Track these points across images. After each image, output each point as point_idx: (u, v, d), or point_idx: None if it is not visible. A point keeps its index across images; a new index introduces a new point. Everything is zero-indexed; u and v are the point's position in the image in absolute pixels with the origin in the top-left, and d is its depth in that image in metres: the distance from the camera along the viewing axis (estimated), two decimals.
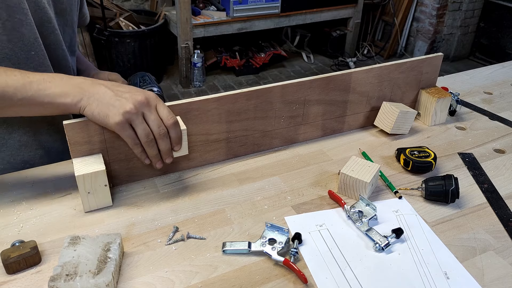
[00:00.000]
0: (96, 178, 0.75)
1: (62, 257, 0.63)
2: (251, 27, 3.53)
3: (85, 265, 0.62)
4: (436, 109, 1.05)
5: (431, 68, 1.05)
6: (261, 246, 0.70)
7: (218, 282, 0.65)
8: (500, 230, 0.76)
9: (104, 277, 0.61)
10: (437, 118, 1.07)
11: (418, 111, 1.08)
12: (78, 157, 0.77)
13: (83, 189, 0.75)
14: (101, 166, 0.75)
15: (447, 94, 1.05)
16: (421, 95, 1.07)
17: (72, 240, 0.66)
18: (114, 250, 0.65)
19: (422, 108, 1.08)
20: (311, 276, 0.67)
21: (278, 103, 0.90)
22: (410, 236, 0.74)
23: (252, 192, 0.84)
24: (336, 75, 0.94)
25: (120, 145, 0.80)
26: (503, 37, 3.97)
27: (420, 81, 1.06)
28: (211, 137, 0.88)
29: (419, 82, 1.06)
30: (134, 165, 0.83)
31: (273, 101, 0.90)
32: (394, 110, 0.98)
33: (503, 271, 0.68)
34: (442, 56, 1.06)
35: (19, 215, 0.77)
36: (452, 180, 0.81)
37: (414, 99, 1.08)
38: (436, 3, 3.91)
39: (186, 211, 0.79)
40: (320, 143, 0.99)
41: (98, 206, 0.78)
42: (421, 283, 0.66)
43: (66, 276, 0.60)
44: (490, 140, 1.02)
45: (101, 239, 0.67)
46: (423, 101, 1.07)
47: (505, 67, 1.42)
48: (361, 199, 0.78)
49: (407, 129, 1.02)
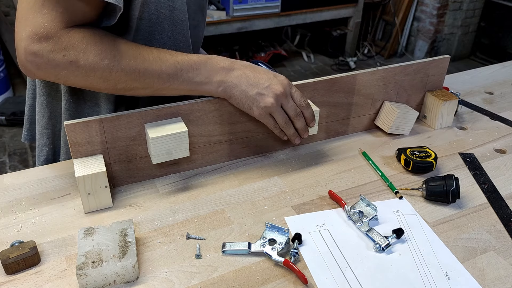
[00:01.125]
0: (96, 180, 0.75)
1: (82, 247, 0.65)
2: (251, 27, 3.53)
3: (107, 251, 0.64)
4: (442, 112, 1.04)
5: (437, 70, 1.04)
6: (261, 246, 0.70)
7: (218, 282, 0.65)
8: (501, 231, 0.76)
9: (130, 259, 0.64)
10: (443, 121, 1.05)
11: (424, 114, 1.07)
12: (79, 157, 0.77)
13: (83, 190, 0.75)
14: (101, 167, 0.75)
15: (453, 97, 1.03)
16: (427, 97, 1.06)
17: (86, 231, 0.68)
18: (131, 235, 0.68)
19: (428, 111, 1.06)
20: (311, 276, 0.66)
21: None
22: (410, 237, 0.74)
23: (252, 192, 0.84)
24: (341, 77, 0.93)
25: (121, 146, 0.80)
26: (504, 37, 3.96)
27: (426, 84, 1.05)
28: (213, 138, 0.88)
29: (425, 84, 1.05)
30: (135, 166, 0.83)
31: None
32: (394, 110, 0.98)
33: (504, 272, 0.68)
34: (449, 58, 1.04)
35: (18, 216, 0.76)
36: (452, 180, 0.80)
37: (420, 101, 1.07)
38: (436, 3, 3.91)
39: (186, 211, 0.79)
40: (321, 143, 0.99)
41: (98, 207, 0.78)
42: (422, 284, 0.66)
43: (92, 263, 0.62)
44: (491, 140, 1.02)
45: (115, 227, 0.69)
46: (429, 104, 1.06)
47: (506, 66, 1.41)
48: (361, 199, 0.78)
49: (408, 129, 1.02)
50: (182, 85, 0.78)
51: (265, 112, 0.81)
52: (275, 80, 0.81)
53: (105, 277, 0.62)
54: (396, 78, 1.00)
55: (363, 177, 0.88)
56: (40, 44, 0.67)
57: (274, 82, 0.80)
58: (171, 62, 0.76)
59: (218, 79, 0.79)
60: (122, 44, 0.74)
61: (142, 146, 0.82)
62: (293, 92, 0.83)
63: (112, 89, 0.75)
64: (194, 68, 0.78)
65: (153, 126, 0.79)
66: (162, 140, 0.77)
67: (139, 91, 0.77)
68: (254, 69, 0.81)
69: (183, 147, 0.80)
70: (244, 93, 0.80)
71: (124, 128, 0.78)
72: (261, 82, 0.80)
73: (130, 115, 0.78)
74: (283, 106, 0.82)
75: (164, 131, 0.78)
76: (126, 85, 0.75)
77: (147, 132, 0.77)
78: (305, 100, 0.84)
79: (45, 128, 0.92)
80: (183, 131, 0.78)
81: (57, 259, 0.68)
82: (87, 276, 0.61)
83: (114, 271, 0.63)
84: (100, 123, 0.76)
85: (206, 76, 0.79)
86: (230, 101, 0.82)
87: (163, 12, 0.80)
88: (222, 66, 0.80)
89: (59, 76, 0.71)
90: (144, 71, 0.74)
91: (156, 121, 0.80)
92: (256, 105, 0.80)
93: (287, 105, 0.82)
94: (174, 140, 0.78)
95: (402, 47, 4.29)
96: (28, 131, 0.99)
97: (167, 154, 0.79)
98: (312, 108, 0.86)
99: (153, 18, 0.80)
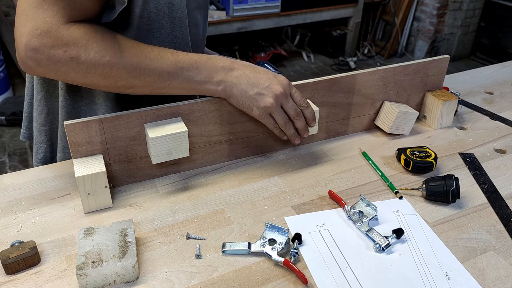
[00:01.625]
0: (96, 180, 0.75)
1: (82, 247, 0.65)
2: (251, 27, 3.53)
3: (107, 251, 0.64)
4: (442, 112, 1.03)
5: (437, 70, 1.04)
6: (261, 246, 0.70)
7: (218, 282, 0.65)
8: (501, 231, 0.76)
9: (130, 259, 0.64)
10: (443, 121, 1.05)
11: (424, 114, 1.07)
12: (79, 157, 0.77)
13: (83, 190, 0.75)
14: (101, 167, 0.75)
15: (453, 97, 1.03)
16: (427, 97, 1.06)
17: (86, 231, 0.68)
18: (131, 235, 0.68)
19: (428, 111, 1.06)
20: (311, 276, 0.66)
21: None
22: (410, 237, 0.74)
23: (252, 192, 0.84)
24: (341, 77, 0.93)
25: (121, 146, 0.80)
26: (504, 37, 3.96)
27: (426, 84, 1.05)
28: (212, 138, 0.88)
29: (425, 84, 1.05)
30: (135, 166, 0.83)
31: None
32: (393, 110, 0.98)
33: (504, 272, 0.68)
34: (449, 58, 1.04)
35: (18, 216, 0.76)
36: (452, 180, 0.80)
37: (420, 101, 1.07)
38: (436, 3, 3.91)
39: (186, 211, 0.79)
40: (321, 143, 0.99)
41: (98, 207, 0.78)
42: (422, 284, 0.66)
43: (92, 263, 0.62)
44: (491, 140, 1.02)
45: (115, 227, 0.69)
46: (428, 104, 1.06)
47: (506, 66, 1.41)
48: (361, 199, 0.78)
49: (408, 130, 1.02)
50: (182, 84, 0.78)
51: (265, 112, 0.81)
52: (275, 80, 0.81)
53: (105, 277, 0.63)
54: (396, 78, 1.00)
55: (363, 177, 0.88)
56: (41, 40, 0.67)
57: (274, 83, 0.80)
58: (171, 60, 0.76)
59: (218, 79, 0.80)
60: (123, 41, 0.74)
61: (142, 146, 0.81)
62: (292, 92, 0.83)
63: (112, 86, 0.75)
64: (194, 67, 0.78)
65: (153, 126, 0.79)
66: (162, 140, 0.77)
67: (139, 89, 0.77)
68: (254, 69, 0.82)
69: (183, 147, 0.80)
70: (244, 93, 0.80)
71: (124, 128, 0.78)
72: (261, 82, 0.80)
73: (130, 115, 0.78)
74: (283, 106, 0.82)
75: (164, 131, 0.77)
76: (126, 83, 0.75)
77: (147, 132, 0.77)
78: (304, 100, 0.84)
79: (42, 125, 0.92)
80: (183, 131, 0.78)
81: (57, 259, 0.68)
82: (87, 276, 0.61)
83: (114, 271, 0.63)
84: (100, 123, 0.76)
85: (206, 75, 0.79)
86: (230, 101, 0.82)
87: (162, 10, 0.80)
88: (222, 65, 0.80)
89: (59, 73, 0.71)
90: (145, 69, 0.74)
91: (156, 121, 0.80)
92: (255, 105, 0.81)
93: (287, 105, 0.82)
94: (174, 140, 0.78)
95: (402, 47, 4.29)
96: (27, 129, 0.99)
97: (167, 154, 0.79)
98: (312, 108, 0.86)
99: (152, 15, 0.80)
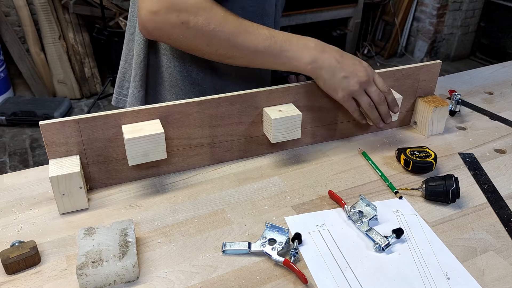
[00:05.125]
0: (70, 180, 0.74)
1: (82, 247, 0.65)
2: None
3: (108, 251, 0.65)
4: (433, 119, 1.00)
5: (428, 76, 1.01)
6: (261, 246, 0.70)
7: (218, 282, 0.65)
8: (501, 230, 0.76)
9: (130, 259, 0.64)
10: (433, 128, 1.02)
11: (415, 120, 1.05)
12: (55, 158, 0.76)
13: (57, 190, 0.74)
14: (76, 168, 0.74)
15: (444, 103, 1.00)
16: (417, 103, 1.03)
17: (86, 231, 0.68)
18: (131, 235, 0.68)
19: (419, 118, 1.03)
20: (311, 276, 0.67)
21: (264, 108, 0.88)
22: (410, 237, 0.74)
23: (252, 192, 0.84)
24: None
25: (98, 148, 0.79)
26: (504, 37, 3.96)
27: (417, 89, 1.02)
28: (193, 141, 0.86)
29: (415, 90, 1.02)
30: (113, 168, 0.82)
31: (258, 106, 0.87)
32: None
33: (504, 271, 0.68)
34: (440, 63, 1.01)
35: (18, 215, 0.77)
36: (452, 180, 0.81)
37: (411, 108, 1.04)
38: (436, 3, 3.91)
39: (186, 211, 0.79)
40: (321, 143, 0.99)
41: (74, 208, 0.77)
42: (422, 284, 0.66)
43: (93, 263, 0.63)
44: (491, 140, 1.02)
45: (115, 226, 0.69)
46: (419, 110, 1.03)
47: (505, 66, 1.41)
48: (361, 199, 0.78)
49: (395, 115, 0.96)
50: (275, 59, 0.84)
51: (349, 96, 0.86)
52: (360, 65, 0.86)
53: (105, 277, 0.63)
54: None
55: (363, 177, 0.88)
56: (160, 4, 0.78)
57: (359, 68, 0.85)
58: (267, 35, 0.83)
59: (310, 58, 0.84)
60: (228, 14, 0.82)
61: (120, 147, 0.81)
62: (375, 78, 0.87)
63: (213, 53, 0.83)
64: (287, 44, 0.84)
65: (130, 127, 0.78)
66: (137, 141, 0.76)
67: (237, 60, 0.85)
68: (342, 53, 0.86)
69: (160, 149, 0.79)
70: (331, 75, 0.84)
71: (101, 129, 0.78)
72: (348, 66, 0.85)
73: (107, 116, 0.77)
74: (366, 91, 0.86)
75: (140, 132, 0.77)
76: (226, 52, 0.83)
77: (123, 133, 0.77)
78: (387, 87, 0.88)
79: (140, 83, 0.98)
80: (159, 132, 0.77)
81: (57, 259, 0.68)
82: (87, 276, 0.62)
83: (114, 271, 0.63)
84: (76, 124, 0.75)
85: (298, 53, 0.84)
86: (316, 81, 0.87)
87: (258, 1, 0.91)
88: (314, 46, 0.85)
89: (170, 37, 0.81)
90: (243, 40, 0.82)
91: (134, 122, 0.79)
92: (342, 87, 0.85)
93: (371, 89, 0.86)
94: (151, 141, 0.77)
95: (402, 47, 4.29)
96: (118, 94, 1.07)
97: (144, 156, 0.78)
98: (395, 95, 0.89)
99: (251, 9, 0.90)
